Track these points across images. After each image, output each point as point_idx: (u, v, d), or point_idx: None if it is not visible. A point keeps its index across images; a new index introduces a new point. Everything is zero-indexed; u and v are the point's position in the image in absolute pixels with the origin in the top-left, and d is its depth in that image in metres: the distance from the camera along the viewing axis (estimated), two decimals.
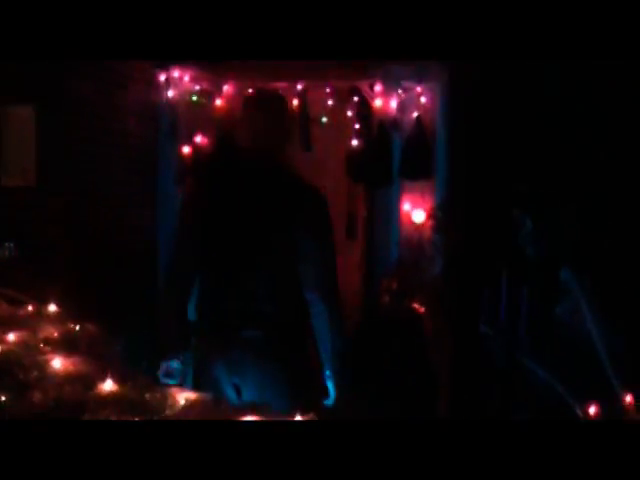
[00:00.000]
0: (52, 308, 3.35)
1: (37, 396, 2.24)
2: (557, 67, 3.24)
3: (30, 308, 3.38)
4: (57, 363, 2.54)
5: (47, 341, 2.92)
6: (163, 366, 2.90)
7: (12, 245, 3.92)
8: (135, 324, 3.90)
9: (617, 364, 2.98)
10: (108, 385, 2.31)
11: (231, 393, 2.77)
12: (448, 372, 3.44)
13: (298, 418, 1.95)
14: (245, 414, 2.02)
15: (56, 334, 3.08)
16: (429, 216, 4.14)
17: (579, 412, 2.94)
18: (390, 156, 4.78)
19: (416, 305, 3.89)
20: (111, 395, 2.25)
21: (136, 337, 3.88)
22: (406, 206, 4.79)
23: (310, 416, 1.99)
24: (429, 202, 4.63)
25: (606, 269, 3.08)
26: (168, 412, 2.16)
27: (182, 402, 2.21)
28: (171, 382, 2.86)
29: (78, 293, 3.93)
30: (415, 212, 4.64)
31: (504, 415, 3.20)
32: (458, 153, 3.71)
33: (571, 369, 3.09)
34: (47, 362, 2.56)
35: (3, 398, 2.20)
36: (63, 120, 4.20)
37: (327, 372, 2.91)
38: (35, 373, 2.48)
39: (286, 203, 2.81)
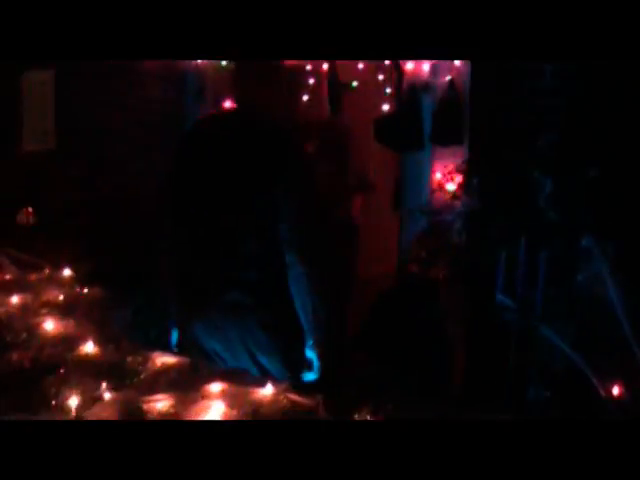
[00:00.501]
0: (66, 272, 3.36)
1: (14, 356, 2.23)
2: None
3: (46, 272, 3.40)
4: (49, 325, 2.53)
5: (48, 304, 2.92)
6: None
7: (31, 210, 3.94)
8: (148, 292, 3.87)
9: None
10: (89, 347, 2.28)
11: (220, 359, 2.71)
12: (464, 342, 3.31)
13: (269, 387, 1.89)
14: (221, 379, 1.98)
15: (59, 298, 3.08)
16: (452, 180, 3.97)
17: (601, 391, 2.80)
18: (420, 120, 4.61)
19: (440, 273, 3.77)
20: (89, 357, 2.23)
21: (147, 305, 3.88)
22: (437, 173, 4.63)
23: (283, 386, 1.93)
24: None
25: (631, 235, 2.90)
26: (143, 376, 2.12)
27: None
28: None
29: (94, 258, 3.95)
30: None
31: (518, 388, 3.08)
32: (480, 116, 3.55)
33: (593, 342, 2.95)
34: (39, 324, 2.55)
35: None
36: (83, 84, 4.17)
37: (309, 342, 2.73)
38: (24, 335, 2.47)
39: (263, 160, 2.66)
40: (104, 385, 1.99)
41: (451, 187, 4.19)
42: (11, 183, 4.21)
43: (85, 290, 3.20)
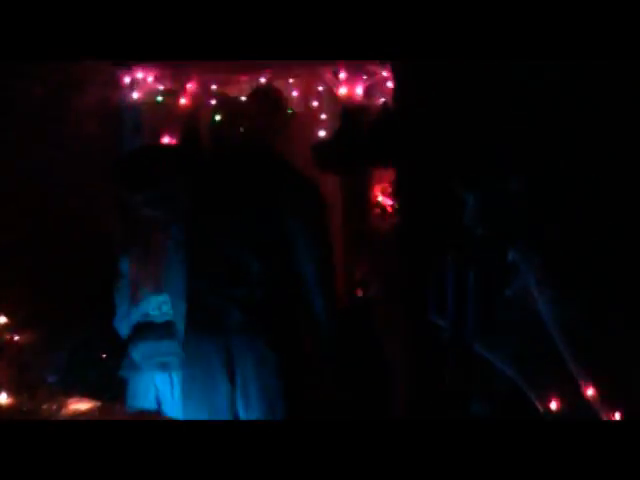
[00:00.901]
0: (2, 320, 3.32)
1: None
2: None
3: None
4: None
5: None
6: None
7: None
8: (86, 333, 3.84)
9: (574, 348, 2.81)
10: (2, 397, 2.26)
11: (223, 379, 2.81)
12: (401, 364, 3.31)
13: None
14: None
15: None
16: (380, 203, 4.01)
17: (539, 406, 2.80)
18: (357, 143, 4.62)
19: (376, 295, 3.77)
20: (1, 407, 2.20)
21: (85, 346, 3.84)
22: (378, 195, 4.65)
23: None
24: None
25: (557, 247, 2.90)
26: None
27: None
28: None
29: (31, 303, 3.90)
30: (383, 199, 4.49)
31: (459, 407, 3.07)
32: (403, 134, 3.57)
33: (527, 357, 2.94)
34: None
35: None
36: (13, 125, 4.13)
37: None
38: None
39: (277, 192, 2.91)
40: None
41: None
42: None
43: (16, 337, 3.17)
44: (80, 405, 2.16)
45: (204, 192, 2.97)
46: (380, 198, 4.63)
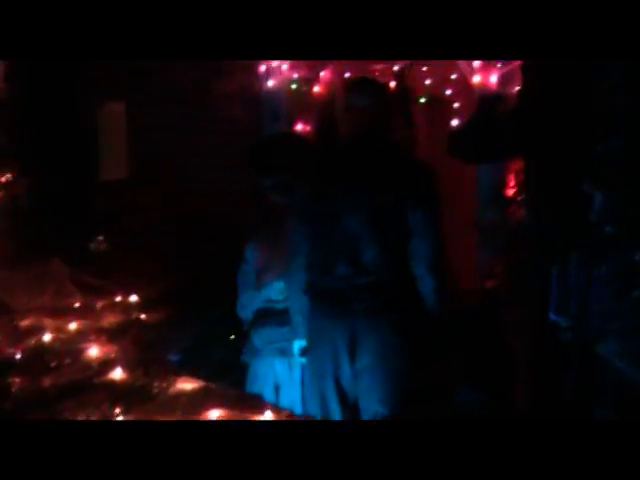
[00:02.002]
0: (132, 298, 3.51)
1: (47, 381, 2.34)
2: None
3: (114, 297, 3.56)
4: (93, 351, 2.65)
5: (101, 330, 3.06)
6: (296, 346, 3.14)
7: (102, 238, 4.12)
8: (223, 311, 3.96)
9: None
10: (117, 372, 2.38)
11: (345, 360, 2.90)
12: (525, 362, 3.21)
13: (268, 414, 1.91)
14: (222, 406, 2.02)
15: (115, 323, 3.23)
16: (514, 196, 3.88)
17: None
18: (494, 132, 4.51)
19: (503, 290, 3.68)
20: (114, 382, 2.32)
21: (213, 325, 3.97)
22: (511, 187, 4.51)
23: (283, 414, 1.96)
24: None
25: None
26: (157, 400, 2.19)
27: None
28: (303, 360, 3.12)
29: (163, 283, 4.08)
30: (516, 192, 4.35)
31: (583, 412, 2.94)
32: (533, 127, 3.44)
33: None
34: (84, 350, 2.68)
35: (17, 380, 2.32)
36: (157, 111, 4.33)
37: None
38: (67, 360, 2.60)
39: (396, 181, 2.95)
40: (117, 410, 2.08)
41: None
42: (86, 211, 4.44)
43: (144, 315, 3.34)
44: (186, 384, 2.25)
45: (332, 179, 3.01)
46: (512, 190, 4.49)
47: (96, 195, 4.47)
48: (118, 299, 3.46)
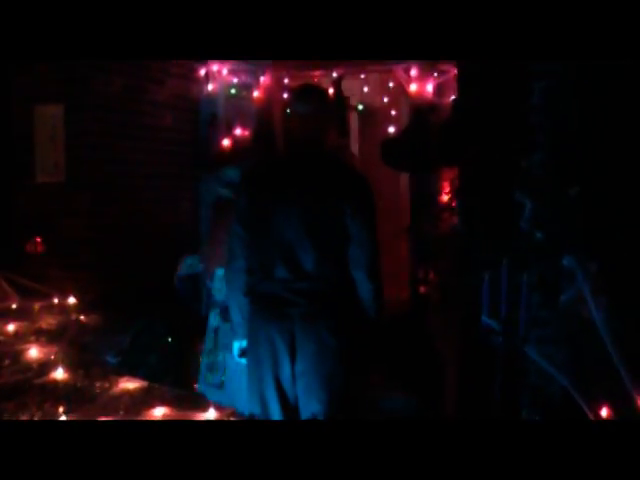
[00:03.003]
0: (70, 300, 3.50)
1: None
2: None
3: (52, 300, 3.54)
4: (33, 352, 2.63)
5: (40, 331, 3.04)
6: (236, 346, 3.14)
7: (39, 239, 4.09)
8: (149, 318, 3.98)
9: (627, 359, 2.77)
10: (59, 373, 2.38)
11: (285, 361, 2.93)
12: (455, 366, 3.31)
13: (212, 412, 1.94)
14: (166, 404, 2.05)
15: (53, 325, 3.21)
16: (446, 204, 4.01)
17: (588, 412, 2.77)
18: (427, 142, 4.64)
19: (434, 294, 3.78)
20: (56, 382, 2.32)
21: (147, 331, 3.99)
22: (444, 195, 4.64)
23: (227, 412, 2.00)
24: None
25: (613, 255, 2.86)
26: (100, 400, 2.20)
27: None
28: (243, 361, 3.10)
29: (99, 286, 4.08)
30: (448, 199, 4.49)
31: (509, 412, 3.05)
32: (466, 136, 3.57)
33: (579, 364, 2.91)
34: (24, 351, 2.66)
35: None
36: (92, 117, 4.30)
37: None
38: (7, 361, 2.58)
39: (335, 190, 2.97)
40: (60, 409, 2.09)
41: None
42: (22, 213, 4.39)
43: (82, 317, 3.33)
44: (129, 384, 2.27)
45: (270, 185, 3.05)
46: (445, 198, 4.63)
47: (30, 198, 4.43)
48: (55, 301, 3.46)
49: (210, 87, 5.08)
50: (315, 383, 2.91)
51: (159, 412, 1.98)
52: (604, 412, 2.77)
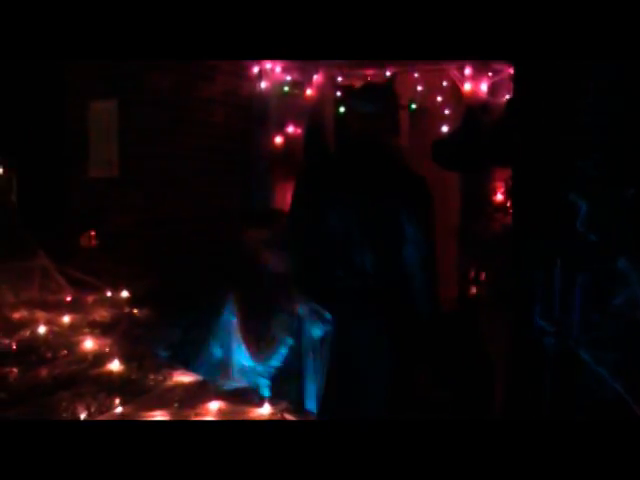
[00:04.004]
0: (123, 294, 3.56)
1: (43, 372, 2.37)
2: None
3: (105, 293, 3.60)
4: (88, 344, 2.68)
5: (94, 324, 3.10)
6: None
7: (93, 233, 4.15)
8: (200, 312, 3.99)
9: None
10: (114, 365, 2.41)
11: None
12: (505, 366, 3.27)
13: (266, 407, 1.95)
14: (221, 399, 2.06)
15: (106, 317, 3.26)
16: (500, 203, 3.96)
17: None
18: (479, 141, 4.58)
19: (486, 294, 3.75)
20: (111, 373, 2.35)
21: (198, 324, 4.00)
22: (499, 195, 4.59)
23: (281, 407, 2.00)
24: None
25: None
26: (154, 392, 2.23)
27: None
28: None
29: (151, 280, 4.12)
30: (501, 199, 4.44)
31: (560, 415, 3.01)
32: (524, 134, 3.51)
33: (631, 367, 2.86)
34: (79, 343, 2.71)
35: (13, 370, 2.34)
36: (146, 112, 4.36)
37: None
38: (64, 352, 2.63)
39: (394, 191, 2.97)
40: (116, 401, 2.11)
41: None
42: (76, 208, 4.47)
43: (134, 310, 3.38)
44: (183, 378, 2.29)
45: (323, 182, 3.05)
46: (499, 197, 4.57)
47: (84, 193, 4.51)
48: (108, 294, 3.52)
49: (263, 85, 5.11)
50: (364, 381, 2.91)
51: (214, 406, 1.99)
52: None
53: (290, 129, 5.18)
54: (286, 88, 5.14)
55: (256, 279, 3.99)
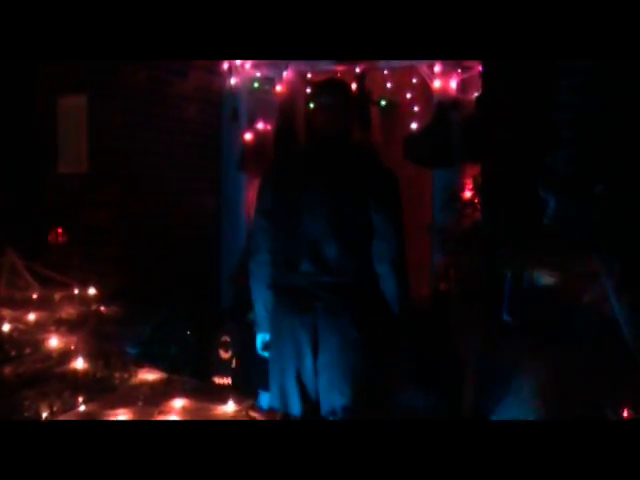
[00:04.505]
0: (91, 291, 3.52)
1: (7, 370, 2.34)
2: None
3: (72, 290, 3.56)
4: (53, 342, 2.65)
5: (60, 321, 3.06)
6: (259, 339, 3.14)
7: (60, 230, 4.11)
8: (170, 310, 3.99)
9: None
10: (79, 363, 2.39)
11: (308, 354, 2.94)
12: (474, 364, 3.30)
13: (230, 404, 1.94)
14: (185, 396, 2.05)
15: (74, 315, 3.22)
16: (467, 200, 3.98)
17: (611, 415, 2.75)
18: (449, 137, 4.61)
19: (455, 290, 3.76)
20: (76, 372, 2.33)
21: (168, 322, 4.00)
22: (467, 192, 4.60)
23: (246, 404, 1.99)
24: None
25: (637, 253, 2.83)
26: (119, 390, 2.21)
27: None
28: (266, 354, 3.10)
29: (120, 277, 4.09)
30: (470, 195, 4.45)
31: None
32: (489, 133, 3.55)
33: (601, 364, 2.88)
34: (44, 340, 2.68)
35: None
36: (117, 108, 4.32)
37: None
38: (27, 350, 2.60)
39: (360, 182, 2.96)
40: (80, 399, 2.09)
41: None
42: (45, 203, 4.43)
43: (102, 307, 3.35)
44: (148, 375, 2.28)
45: (294, 178, 3.05)
46: (467, 194, 4.59)
47: (54, 189, 4.46)
48: (76, 291, 3.48)
49: (233, 81, 5.09)
50: (337, 377, 2.90)
51: (178, 403, 1.98)
52: (625, 414, 2.75)
53: (260, 125, 5.16)
54: (256, 84, 5.12)
55: None
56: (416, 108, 4.94)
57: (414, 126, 4.86)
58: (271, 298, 3.05)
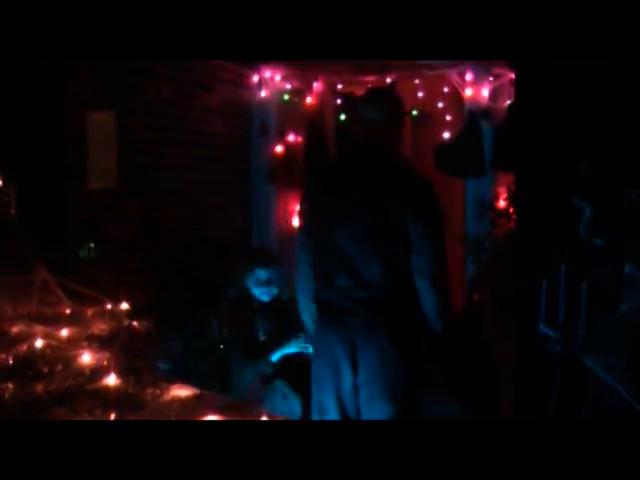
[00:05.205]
0: (123, 306, 3.51)
1: (39, 387, 2.33)
2: None
3: (107, 306, 3.56)
4: (85, 358, 2.63)
5: (92, 337, 3.05)
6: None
7: (93, 245, 4.12)
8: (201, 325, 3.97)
9: None
10: (111, 379, 2.37)
11: (347, 371, 2.91)
12: (510, 374, 3.23)
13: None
14: (218, 412, 2.02)
15: (105, 330, 3.21)
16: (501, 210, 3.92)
17: None
18: (481, 146, 4.55)
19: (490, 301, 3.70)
20: (107, 388, 2.31)
21: (198, 337, 3.98)
22: (501, 201, 4.54)
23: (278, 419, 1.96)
24: None
25: None
26: (150, 407, 2.19)
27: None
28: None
29: (151, 292, 4.08)
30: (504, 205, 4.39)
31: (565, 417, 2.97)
32: (523, 141, 3.48)
33: (637, 371, 2.81)
34: (76, 357, 2.66)
35: (9, 386, 2.30)
36: (143, 123, 4.33)
37: None
38: (59, 367, 2.58)
39: (398, 195, 2.90)
40: (112, 416, 2.07)
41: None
42: (74, 219, 4.44)
43: (134, 323, 3.33)
44: (180, 391, 2.25)
45: (330, 191, 3.01)
46: (502, 203, 4.53)
47: (83, 204, 4.48)
48: (108, 307, 3.48)
49: (262, 94, 5.09)
50: (377, 393, 2.85)
51: (210, 420, 1.95)
52: None
53: (290, 138, 5.15)
54: (286, 96, 5.12)
55: None
56: (448, 117, 4.89)
57: (446, 135, 4.82)
58: (315, 310, 3.03)
